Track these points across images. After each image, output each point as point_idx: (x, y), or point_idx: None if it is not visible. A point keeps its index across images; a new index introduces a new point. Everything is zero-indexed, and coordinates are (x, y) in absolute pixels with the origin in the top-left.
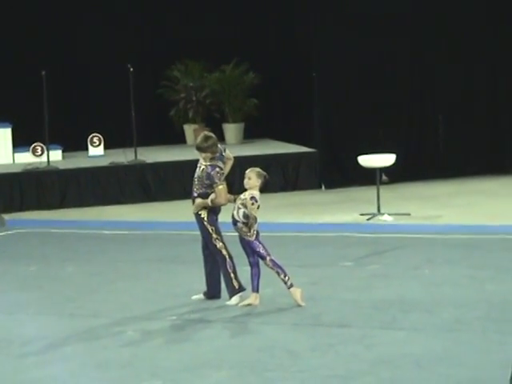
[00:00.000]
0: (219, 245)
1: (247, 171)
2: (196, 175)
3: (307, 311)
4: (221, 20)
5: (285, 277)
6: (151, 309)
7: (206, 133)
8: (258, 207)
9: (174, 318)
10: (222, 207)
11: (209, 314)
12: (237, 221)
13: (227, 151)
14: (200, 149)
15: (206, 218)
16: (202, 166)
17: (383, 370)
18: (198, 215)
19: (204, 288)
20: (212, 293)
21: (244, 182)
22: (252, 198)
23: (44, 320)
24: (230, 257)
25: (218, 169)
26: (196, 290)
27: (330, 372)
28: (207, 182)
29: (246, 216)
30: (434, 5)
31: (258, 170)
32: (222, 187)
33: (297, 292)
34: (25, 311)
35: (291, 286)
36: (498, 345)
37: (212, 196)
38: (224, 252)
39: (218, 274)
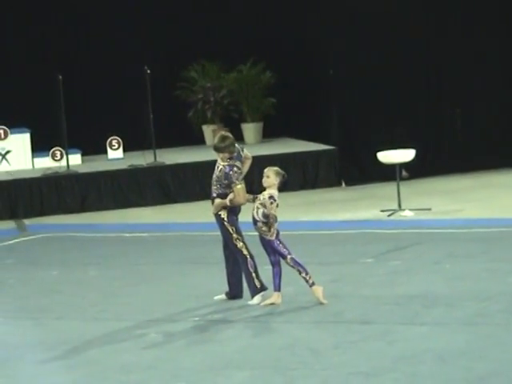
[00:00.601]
0: (240, 244)
1: (265, 170)
2: (214, 175)
3: (329, 309)
4: (236, 20)
5: (306, 275)
6: (173, 311)
7: (223, 133)
8: (277, 206)
9: (197, 319)
10: (242, 207)
11: (231, 314)
12: (257, 220)
13: (245, 150)
14: (217, 149)
15: (225, 219)
16: (220, 166)
17: (406, 366)
18: (217, 215)
19: (226, 288)
20: (234, 293)
21: (262, 180)
22: (270, 197)
23: (66, 324)
24: (251, 256)
25: (235, 168)
26: (218, 290)
27: (352, 369)
28: (225, 181)
29: (265, 215)
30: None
31: (276, 168)
32: (240, 187)
33: (318, 290)
34: (47, 316)
35: (313, 284)
36: None
37: (231, 196)
38: (245, 252)
39: (239, 274)
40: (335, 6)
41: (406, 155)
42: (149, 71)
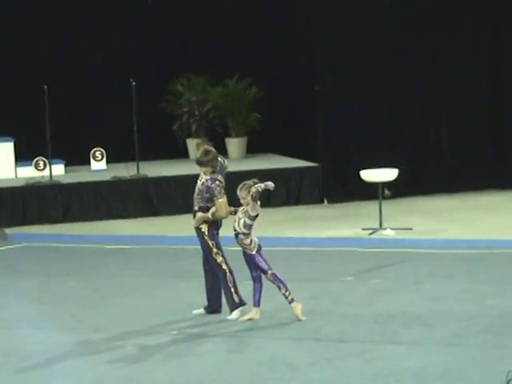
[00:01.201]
0: (219, 259)
1: (238, 192)
2: (197, 189)
3: (307, 326)
4: (223, 35)
5: (286, 291)
6: (152, 323)
7: (206, 147)
8: (257, 216)
9: (175, 332)
10: (223, 221)
11: (209, 329)
12: (238, 233)
13: (226, 162)
14: (200, 163)
15: (206, 233)
16: (203, 180)
17: None
18: (198, 229)
19: (205, 302)
20: (213, 307)
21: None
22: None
23: (44, 334)
24: (231, 271)
25: (217, 182)
26: (197, 304)
27: None
28: (207, 195)
29: (246, 226)
30: (432, 10)
31: (246, 185)
32: (222, 200)
33: (297, 307)
34: (25, 325)
35: (292, 300)
36: (497, 359)
37: (213, 209)
38: (224, 266)
39: (218, 289)
40: (323, 23)
41: (388, 174)
42: (134, 83)
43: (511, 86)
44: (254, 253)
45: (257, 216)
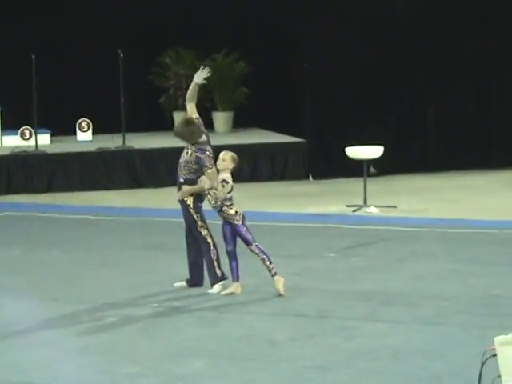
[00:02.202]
0: (204, 232)
1: (222, 153)
2: (182, 160)
3: (289, 302)
4: (213, 8)
5: (270, 264)
6: (133, 295)
7: (187, 117)
8: (232, 188)
9: (156, 305)
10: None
11: (190, 302)
12: (221, 205)
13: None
14: (179, 135)
15: (191, 205)
16: (190, 151)
17: (361, 362)
18: (183, 202)
19: (187, 275)
20: (194, 281)
21: (217, 163)
22: (223, 181)
23: (26, 304)
24: (215, 245)
25: (207, 152)
26: (179, 277)
27: (308, 363)
28: (195, 166)
29: (227, 198)
30: None
31: (232, 154)
32: (212, 170)
33: (280, 281)
34: (6, 295)
35: (275, 274)
36: (477, 339)
37: (204, 179)
38: (209, 240)
39: (201, 262)
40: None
41: (374, 152)
42: (122, 55)
43: (498, 63)
44: (240, 223)
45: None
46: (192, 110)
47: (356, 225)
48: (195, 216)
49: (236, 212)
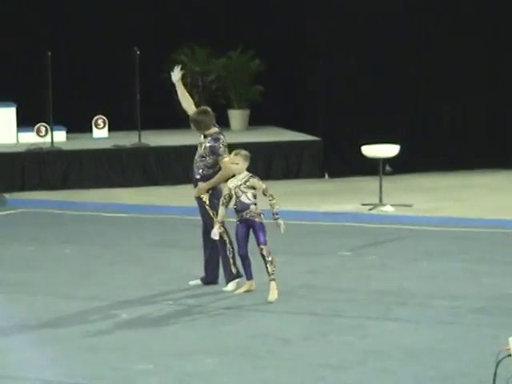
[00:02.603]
0: (220, 230)
1: (233, 156)
2: (197, 155)
3: (302, 300)
4: (227, 5)
5: (274, 268)
6: (147, 293)
7: (204, 107)
8: None
9: (170, 302)
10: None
11: (204, 300)
12: (249, 204)
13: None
14: (194, 121)
15: (207, 202)
16: (204, 143)
17: (375, 361)
18: (199, 199)
19: (201, 273)
20: (209, 278)
21: (233, 167)
22: (251, 176)
23: (39, 301)
24: (231, 242)
25: (221, 140)
26: (193, 275)
27: (321, 361)
28: (211, 158)
29: (255, 196)
30: None
31: (244, 152)
32: (227, 159)
33: (274, 289)
34: (20, 291)
35: (273, 279)
36: (490, 339)
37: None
38: (225, 237)
39: (216, 260)
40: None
41: (390, 150)
42: (138, 52)
43: (510, 65)
44: (263, 221)
45: None
46: (192, 110)
47: (371, 223)
48: (211, 213)
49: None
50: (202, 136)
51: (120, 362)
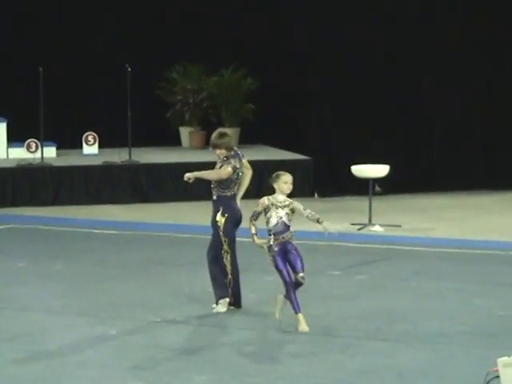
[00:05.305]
0: (226, 259)
1: (290, 178)
2: None
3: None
4: (220, 24)
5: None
6: (136, 309)
7: (221, 129)
8: None
9: (159, 319)
10: (243, 218)
11: (192, 318)
12: (289, 226)
13: (245, 159)
14: (215, 145)
15: (221, 228)
16: (220, 164)
17: (364, 380)
18: (214, 221)
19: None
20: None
21: (285, 187)
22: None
23: (29, 316)
24: (232, 274)
25: (238, 158)
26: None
27: (311, 380)
28: (225, 181)
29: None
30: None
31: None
32: (228, 171)
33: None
34: (10, 307)
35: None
36: (480, 359)
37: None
38: (228, 268)
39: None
40: (322, 18)
41: (380, 170)
42: (129, 69)
43: (506, 89)
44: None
45: None
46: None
47: (361, 243)
48: (223, 240)
49: None
50: (218, 158)
51: (109, 378)
